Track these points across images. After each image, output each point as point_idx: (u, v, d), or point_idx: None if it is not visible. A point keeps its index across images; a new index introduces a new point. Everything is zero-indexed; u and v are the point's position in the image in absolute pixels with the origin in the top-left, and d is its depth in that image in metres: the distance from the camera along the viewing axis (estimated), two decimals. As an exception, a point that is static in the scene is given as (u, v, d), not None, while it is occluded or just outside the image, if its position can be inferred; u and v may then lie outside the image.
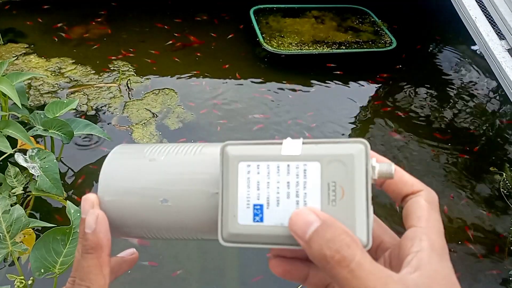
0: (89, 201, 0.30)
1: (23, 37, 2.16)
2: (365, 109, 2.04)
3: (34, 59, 2.03)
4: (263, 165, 0.27)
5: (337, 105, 2.02)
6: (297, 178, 0.27)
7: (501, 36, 1.65)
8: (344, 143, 0.27)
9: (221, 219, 0.28)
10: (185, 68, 2.10)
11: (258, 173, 0.27)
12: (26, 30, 2.20)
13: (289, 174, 0.27)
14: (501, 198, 1.65)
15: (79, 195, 1.48)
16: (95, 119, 1.79)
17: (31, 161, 1.19)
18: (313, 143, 0.27)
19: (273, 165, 0.27)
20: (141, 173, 0.31)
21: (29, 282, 0.77)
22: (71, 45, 2.14)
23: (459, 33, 2.09)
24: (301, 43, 2.26)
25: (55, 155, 1.26)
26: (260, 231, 0.27)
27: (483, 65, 2.26)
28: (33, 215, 1.38)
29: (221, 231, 0.28)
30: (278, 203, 0.27)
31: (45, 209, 1.43)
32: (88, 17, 2.32)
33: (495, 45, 1.60)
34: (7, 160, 1.28)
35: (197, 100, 1.93)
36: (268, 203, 0.27)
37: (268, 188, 0.27)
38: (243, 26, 2.39)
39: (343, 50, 2.26)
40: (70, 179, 1.55)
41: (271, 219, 0.27)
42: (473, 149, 1.86)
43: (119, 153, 0.33)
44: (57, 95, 1.87)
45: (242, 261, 1.38)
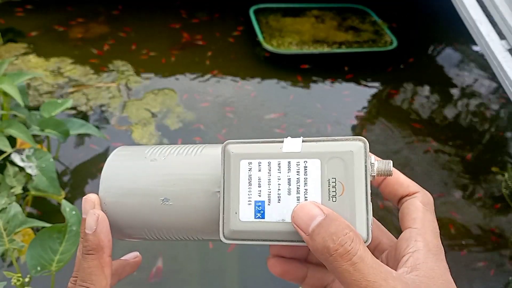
0: (90, 201, 0.30)
1: (23, 37, 2.17)
2: (366, 109, 2.03)
3: (33, 59, 2.03)
4: (264, 163, 0.28)
5: (336, 104, 2.02)
6: (298, 174, 0.27)
7: (502, 36, 1.64)
8: (343, 140, 0.28)
9: (222, 216, 0.28)
10: (185, 68, 2.10)
11: (259, 171, 0.28)
12: (25, 29, 2.21)
13: (290, 171, 0.27)
14: (503, 199, 1.64)
15: (74, 193, 1.48)
16: (95, 119, 1.79)
17: (27, 160, 1.19)
18: (313, 140, 0.28)
19: (274, 163, 0.28)
20: (142, 173, 0.31)
21: (26, 279, 0.78)
22: (70, 45, 2.15)
23: (459, 33, 2.08)
24: (301, 43, 2.26)
25: (52, 154, 1.27)
26: (261, 228, 0.27)
27: (484, 65, 2.25)
28: (32, 214, 1.38)
29: (223, 228, 0.28)
30: (279, 200, 0.27)
31: (44, 208, 1.43)
32: (88, 17, 2.32)
33: (496, 45, 1.59)
34: (7, 159, 1.28)
35: (197, 100, 1.93)
36: (269, 200, 0.27)
37: (269, 185, 0.27)
38: (243, 25, 2.39)
39: (343, 49, 2.25)
40: (66, 177, 1.55)
41: (273, 215, 0.27)
42: (474, 149, 1.85)
43: (120, 155, 0.33)
44: (56, 95, 1.87)
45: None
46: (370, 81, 2.17)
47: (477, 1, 1.73)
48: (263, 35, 2.25)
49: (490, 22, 1.68)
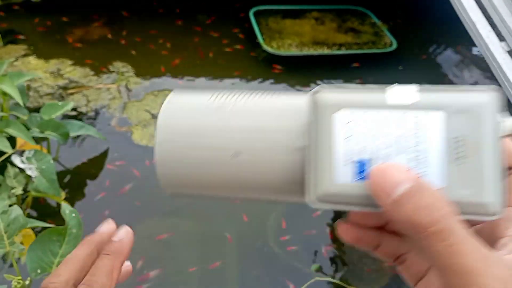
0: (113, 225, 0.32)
1: (23, 38, 2.17)
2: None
3: (33, 60, 2.04)
4: (370, 114, 0.23)
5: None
6: (412, 131, 0.23)
7: (501, 37, 1.64)
8: (470, 91, 0.24)
9: (310, 177, 0.24)
10: (185, 69, 2.10)
11: (361, 124, 0.23)
12: (25, 31, 2.21)
13: (402, 126, 0.23)
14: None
15: (74, 194, 1.49)
16: (95, 120, 1.79)
17: (28, 162, 1.20)
18: (430, 90, 0.24)
19: (381, 115, 0.23)
20: (208, 123, 0.27)
21: (27, 282, 0.77)
22: (70, 47, 2.15)
23: (459, 35, 2.08)
24: (301, 44, 2.26)
25: (52, 156, 1.27)
26: (360, 191, 0.23)
27: (484, 67, 2.25)
28: (32, 215, 1.38)
29: (311, 190, 0.24)
30: (385, 160, 0.23)
31: (44, 209, 1.43)
32: (87, 19, 2.33)
33: (495, 47, 1.60)
34: (7, 160, 1.29)
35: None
36: (373, 159, 0.23)
37: (374, 142, 0.23)
38: (243, 27, 2.39)
39: (343, 51, 2.26)
40: (66, 178, 1.55)
41: None
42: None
43: (178, 101, 0.29)
44: (56, 96, 1.88)
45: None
46: (369, 82, 2.17)
47: (476, 3, 1.74)
48: (263, 37, 2.25)
49: (489, 23, 1.68)
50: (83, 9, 2.37)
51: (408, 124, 0.23)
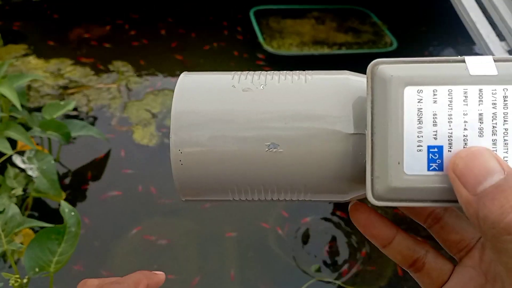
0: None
1: (23, 38, 2.17)
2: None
3: (33, 60, 2.03)
4: (442, 91, 0.20)
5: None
6: (494, 108, 0.19)
7: (501, 37, 1.64)
8: None
9: (371, 169, 0.20)
10: (185, 69, 2.09)
11: (434, 102, 0.20)
12: (25, 31, 2.21)
13: (481, 102, 0.20)
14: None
15: (75, 195, 1.49)
16: (96, 120, 1.79)
17: (29, 162, 1.20)
18: (510, 60, 0.20)
19: (457, 90, 0.20)
20: (234, 108, 0.22)
21: (24, 280, 0.77)
22: (70, 47, 2.15)
23: (459, 35, 2.08)
24: (301, 44, 2.26)
25: (53, 156, 1.27)
26: (436, 183, 0.20)
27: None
28: (33, 215, 1.38)
29: (374, 186, 0.20)
30: (465, 144, 0.20)
31: (45, 210, 1.43)
32: (87, 19, 2.33)
33: (496, 47, 1.60)
34: (7, 161, 1.28)
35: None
36: (450, 144, 0.20)
37: (450, 123, 0.20)
38: (243, 27, 2.39)
39: (343, 51, 2.26)
40: (67, 178, 1.55)
41: None
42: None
43: (194, 84, 0.24)
44: (57, 96, 1.88)
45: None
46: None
47: (476, 3, 1.73)
48: (263, 37, 2.25)
49: (489, 23, 1.68)
50: (83, 8, 2.37)
51: (489, 100, 0.19)
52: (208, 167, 0.22)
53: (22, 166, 1.21)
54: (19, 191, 1.23)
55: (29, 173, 1.20)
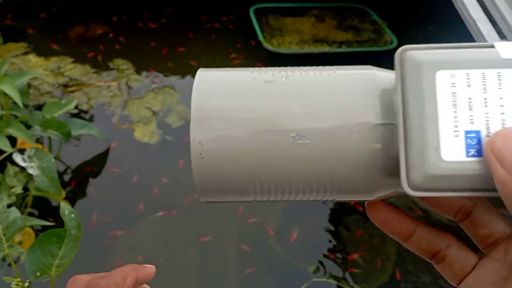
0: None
1: (23, 36, 2.16)
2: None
3: (33, 58, 2.03)
4: (476, 74, 0.20)
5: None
6: None
7: (502, 35, 1.64)
8: None
9: (406, 157, 0.20)
10: (185, 67, 2.10)
11: (468, 86, 0.19)
12: (25, 29, 2.21)
13: None
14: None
15: (75, 193, 1.49)
16: (96, 118, 1.79)
17: (29, 160, 1.20)
18: None
19: (491, 74, 0.19)
20: (257, 99, 0.22)
21: (26, 284, 0.77)
22: (70, 45, 2.15)
23: (459, 32, 2.08)
24: (301, 42, 2.26)
25: (53, 154, 1.27)
26: (479, 170, 0.19)
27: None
28: (33, 214, 1.39)
29: (409, 175, 0.20)
30: (504, 127, 0.19)
31: (45, 208, 1.43)
32: (88, 16, 2.32)
33: (496, 45, 1.60)
34: (7, 159, 1.29)
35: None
36: (488, 128, 0.19)
37: (486, 107, 0.19)
38: (243, 25, 2.39)
39: (343, 49, 2.26)
40: (67, 176, 1.55)
41: None
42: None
43: (213, 79, 0.23)
44: (57, 94, 1.88)
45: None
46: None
47: (477, 1, 1.73)
48: (263, 35, 2.25)
49: (490, 21, 1.68)
50: (83, 7, 2.37)
51: None
52: (231, 160, 0.21)
53: (22, 164, 1.21)
54: (18, 189, 1.23)
55: (30, 171, 1.20)
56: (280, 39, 2.25)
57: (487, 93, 0.19)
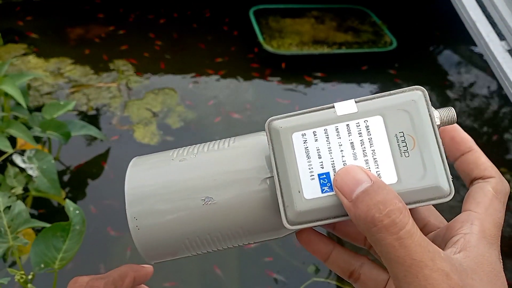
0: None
1: (23, 37, 2.17)
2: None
3: (32, 59, 2.03)
4: (320, 131, 0.25)
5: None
6: (361, 136, 0.25)
7: (501, 36, 1.64)
8: (400, 93, 0.26)
9: (282, 201, 0.25)
10: (184, 68, 2.10)
11: (316, 140, 0.25)
12: (25, 30, 2.21)
13: (350, 134, 0.25)
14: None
15: (75, 193, 1.49)
16: (96, 119, 1.79)
17: (29, 162, 1.20)
18: (366, 99, 0.26)
19: (331, 129, 0.25)
20: (174, 177, 0.27)
21: (29, 276, 0.78)
22: (70, 46, 2.15)
23: (459, 34, 2.08)
24: (301, 44, 2.26)
25: (52, 155, 1.27)
26: (331, 202, 0.24)
27: (483, 66, 2.26)
28: (33, 214, 1.39)
29: (285, 213, 0.25)
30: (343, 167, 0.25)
31: (44, 208, 1.43)
32: (88, 18, 2.33)
33: (496, 46, 1.60)
34: (7, 160, 1.29)
35: (197, 99, 1.94)
36: (334, 169, 0.25)
37: (330, 153, 0.25)
38: (242, 26, 2.39)
39: (343, 50, 2.26)
40: (67, 177, 1.55)
41: None
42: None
43: (140, 166, 0.29)
44: (57, 95, 1.88)
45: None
46: (370, 82, 2.17)
47: (476, 2, 1.74)
48: (263, 36, 2.25)
49: (489, 22, 1.68)
50: (83, 8, 2.37)
51: (355, 131, 0.25)
52: (160, 228, 0.27)
53: (22, 165, 1.21)
54: (19, 190, 1.23)
55: (29, 172, 1.20)
56: (279, 41, 2.26)
57: (330, 143, 0.25)
